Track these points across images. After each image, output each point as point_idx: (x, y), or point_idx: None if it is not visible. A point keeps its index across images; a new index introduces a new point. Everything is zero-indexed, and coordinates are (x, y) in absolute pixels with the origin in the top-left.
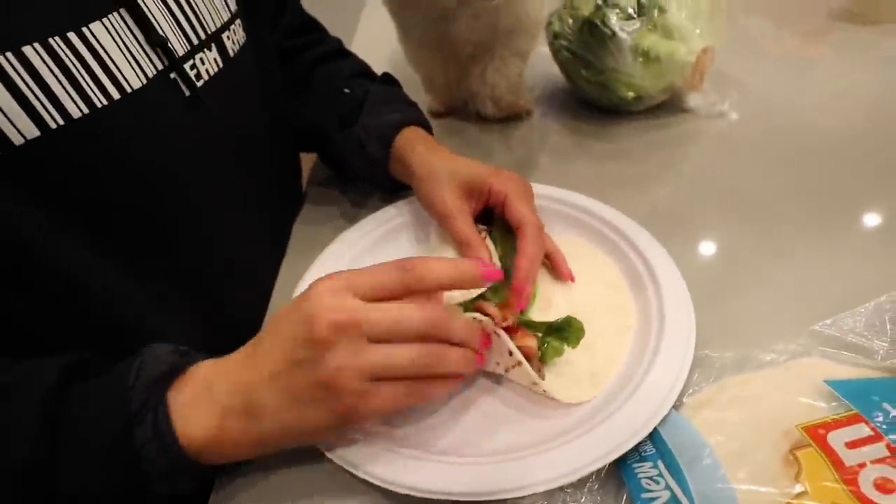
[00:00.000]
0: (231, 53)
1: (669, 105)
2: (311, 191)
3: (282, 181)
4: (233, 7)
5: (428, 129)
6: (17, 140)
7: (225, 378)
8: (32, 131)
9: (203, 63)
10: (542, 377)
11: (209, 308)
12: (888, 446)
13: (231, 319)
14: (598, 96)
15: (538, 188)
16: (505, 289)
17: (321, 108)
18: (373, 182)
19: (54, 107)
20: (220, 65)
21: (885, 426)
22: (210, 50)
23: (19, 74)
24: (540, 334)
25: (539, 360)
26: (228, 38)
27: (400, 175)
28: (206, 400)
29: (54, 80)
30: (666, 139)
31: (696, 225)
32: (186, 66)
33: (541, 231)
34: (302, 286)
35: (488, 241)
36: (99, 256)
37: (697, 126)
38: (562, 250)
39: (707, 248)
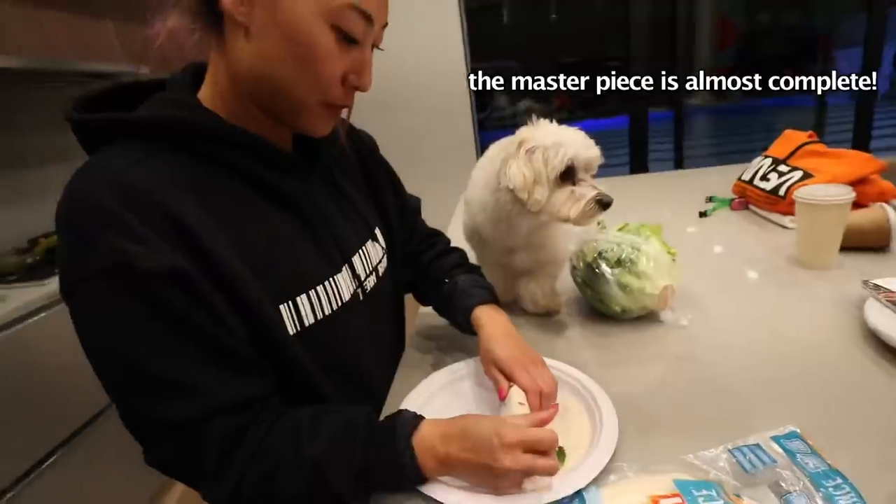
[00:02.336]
0: (381, 274)
1: (648, 317)
2: (414, 338)
3: (396, 333)
4: (384, 246)
5: (497, 302)
6: (307, 322)
7: (444, 424)
8: (311, 319)
9: (369, 282)
10: None
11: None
12: None
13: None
14: (600, 307)
15: (556, 363)
16: None
17: (435, 292)
18: (465, 332)
19: (319, 307)
20: (375, 281)
21: (688, 500)
22: (371, 275)
23: (309, 297)
24: None
25: None
26: (381, 266)
27: None
28: (437, 436)
29: (325, 297)
30: (642, 340)
31: (644, 397)
32: (363, 284)
33: (535, 392)
34: (412, 397)
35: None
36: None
37: (665, 333)
38: (560, 406)
39: (641, 411)
